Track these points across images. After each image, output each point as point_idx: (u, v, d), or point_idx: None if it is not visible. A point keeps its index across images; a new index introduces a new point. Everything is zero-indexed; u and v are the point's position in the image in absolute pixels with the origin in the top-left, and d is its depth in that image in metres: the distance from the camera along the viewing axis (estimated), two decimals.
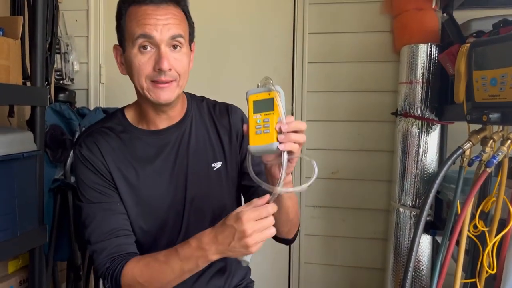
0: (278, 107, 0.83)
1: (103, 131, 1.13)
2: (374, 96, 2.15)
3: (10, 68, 1.50)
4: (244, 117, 1.22)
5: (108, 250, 1.04)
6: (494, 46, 1.09)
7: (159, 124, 1.12)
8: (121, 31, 1.05)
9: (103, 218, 1.06)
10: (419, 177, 1.87)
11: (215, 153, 1.16)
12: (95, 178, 1.09)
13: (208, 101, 1.23)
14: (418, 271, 1.87)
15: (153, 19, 1.00)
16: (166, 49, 1.01)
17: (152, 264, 0.99)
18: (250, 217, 0.86)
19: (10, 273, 1.67)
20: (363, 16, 2.14)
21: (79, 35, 2.36)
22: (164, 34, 1.00)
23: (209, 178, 1.15)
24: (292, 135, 0.84)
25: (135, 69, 1.02)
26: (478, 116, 1.09)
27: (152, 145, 1.12)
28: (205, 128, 1.17)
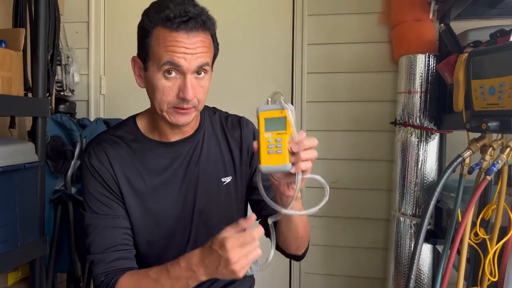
0: (290, 126, 0.82)
1: (113, 139, 1.11)
2: (373, 106, 2.16)
3: (12, 79, 1.51)
4: (256, 131, 1.21)
5: (105, 263, 1.04)
6: (492, 55, 1.10)
7: (171, 137, 1.11)
8: (145, 49, 1.01)
9: (104, 231, 1.06)
10: (419, 186, 1.88)
11: (225, 167, 1.16)
12: (101, 189, 1.08)
13: (220, 113, 1.22)
14: (419, 281, 1.86)
15: (183, 48, 0.97)
16: (191, 78, 0.99)
17: (143, 281, 0.99)
18: (235, 244, 0.86)
19: (9, 285, 1.66)
20: (361, 27, 2.17)
21: (80, 46, 2.38)
22: (192, 63, 0.98)
23: (218, 192, 1.14)
24: (304, 154, 0.83)
25: (158, 93, 1.00)
26: (477, 124, 1.10)
27: (163, 156, 1.11)
28: (217, 142, 1.16)
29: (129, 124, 1.15)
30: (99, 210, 1.07)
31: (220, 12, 2.21)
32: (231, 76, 2.30)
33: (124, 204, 1.09)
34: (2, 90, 1.45)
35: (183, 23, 0.96)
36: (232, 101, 2.23)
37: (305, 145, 0.83)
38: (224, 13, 2.27)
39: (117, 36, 2.39)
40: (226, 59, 2.28)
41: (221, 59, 2.28)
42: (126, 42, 2.47)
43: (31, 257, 1.50)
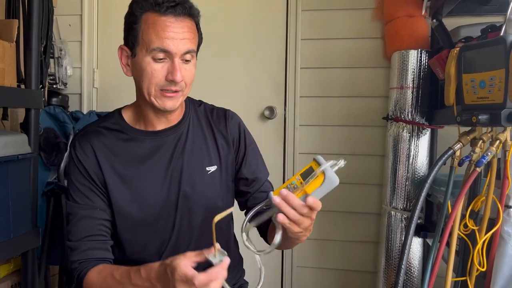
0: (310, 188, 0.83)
1: (98, 130, 1.15)
2: (366, 101, 2.18)
3: (5, 71, 1.50)
4: (241, 123, 1.25)
5: (80, 251, 1.09)
6: (483, 50, 1.12)
7: (157, 126, 1.15)
8: (134, 35, 1.06)
9: (81, 220, 1.11)
10: (410, 180, 1.90)
11: (210, 157, 1.18)
12: (83, 180, 1.12)
13: (206, 105, 1.25)
14: (409, 274, 1.89)
15: (172, 33, 1.02)
16: (179, 61, 1.04)
17: (108, 280, 1.02)
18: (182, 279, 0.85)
19: (1, 278, 1.65)
20: (354, 22, 2.17)
21: (73, 39, 2.36)
22: (180, 48, 1.03)
23: (203, 180, 1.16)
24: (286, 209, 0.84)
25: (147, 76, 1.05)
26: (467, 117, 1.12)
27: (148, 145, 1.14)
28: (202, 132, 1.19)
29: (115, 115, 1.18)
30: (79, 200, 1.12)
31: (214, 7, 2.25)
32: (225, 71, 2.30)
33: (106, 195, 1.13)
34: None
35: (171, 7, 1.02)
36: (225, 96, 2.24)
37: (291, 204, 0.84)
38: (218, 8, 2.29)
39: (110, 29, 2.38)
40: (220, 54, 2.29)
41: (215, 54, 2.33)
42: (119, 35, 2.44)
43: (23, 249, 1.50)
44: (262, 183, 1.23)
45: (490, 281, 1.11)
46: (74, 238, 1.10)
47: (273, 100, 2.28)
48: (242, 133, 1.23)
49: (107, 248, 1.12)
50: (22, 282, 1.59)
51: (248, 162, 1.22)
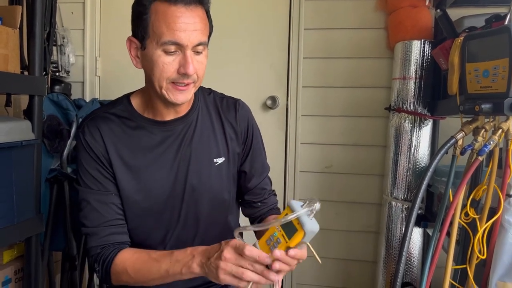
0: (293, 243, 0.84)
1: (106, 116, 1.13)
2: (368, 92, 2.18)
3: (9, 57, 1.50)
4: (250, 115, 1.23)
5: (100, 236, 1.08)
6: (487, 39, 1.12)
7: (165, 116, 1.13)
8: (143, 26, 1.02)
9: (97, 206, 1.10)
10: (411, 171, 1.91)
11: (218, 148, 1.17)
12: (95, 165, 1.10)
13: (215, 94, 1.23)
14: (409, 263, 1.90)
15: (183, 24, 0.99)
16: (191, 53, 1.01)
17: (145, 259, 1.03)
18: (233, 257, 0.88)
19: (5, 263, 1.67)
20: (358, 12, 2.17)
21: (75, 27, 2.36)
22: (192, 40, 1.00)
23: (210, 172, 1.16)
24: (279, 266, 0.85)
25: (158, 69, 1.01)
26: (470, 107, 1.12)
27: (156, 134, 1.13)
28: (210, 122, 1.18)
29: (123, 102, 1.16)
30: (93, 185, 1.10)
31: None
32: (228, 61, 2.30)
33: (115, 180, 1.12)
34: None
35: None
36: (228, 85, 2.22)
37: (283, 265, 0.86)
38: None
39: (113, 17, 2.37)
40: (223, 44, 2.28)
41: (218, 43, 2.32)
42: (122, 23, 2.45)
43: (27, 234, 1.51)
44: (262, 179, 1.24)
45: (489, 269, 1.12)
46: (91, 224, 1.09)
47: (275, 90, 2.28)
48: (250, 125, 1.21)
49: (125, 231, 1.13)
50: (25, 268, 1.61)
51: (252, 157, 1.22)
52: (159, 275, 1.00)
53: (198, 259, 0.93)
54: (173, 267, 0.97)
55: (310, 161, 2.25)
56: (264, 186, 1.25)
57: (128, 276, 1.04)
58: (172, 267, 0.97)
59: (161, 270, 0.99)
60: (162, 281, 1.01)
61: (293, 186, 2.24)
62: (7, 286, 1.63)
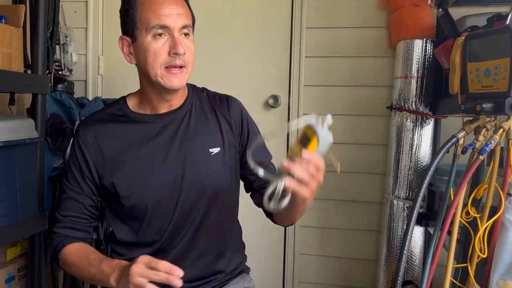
0: (309, 149, 0.86)
1: (102, 117, 1.20)
2: (370, 91, 2.18)
3: (12, 56, 1.51)
4: (243, 109, 1.27)
5: (62, 225, 1.20)
6: (488, 38, 1.13)
7: (159, 110, 1.18)
8: (131, 20, 1.11)
9: (69, 200, 1.20)
10: (413, 170, 1.91)
11: (213, 139, 1.20)
12: (77, 165, 1.19)
13: (208, 91, 1.29)
14: (411, 262, 1.91)
15: (167, 9, 1.07)
16: (178, 35, 1.08)
17: (82, 258, 1.13)
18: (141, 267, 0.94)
19: (8, 261, 1.68)
20: (360, 11, 2.17)
21: (78, 26, 2.37)
22: (177, 23, 1.08)
23: (206, 161, 1.19)
24: (295, 169, 0.85)
25: (150, 56, 1.08)
26: (471, 106, 1.13)
27: (151, 127, 1.17)
28: (205, 116, 1.22)
29: (119, 102, 1.23)
30: (72, 181, 1.20)
31: None
32: (230, 59, 2.31)
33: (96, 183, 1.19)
34: (2, 66, 1.45)
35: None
36: (230, 84, 2.24)
37: (297, 166, 0.86)
38: None
39: (115, 16, 2.32)
40: (225, 43, 2.29)
41: (220, 42, 2.33)
42: None
43: (31, 232, 1.52)
44: (265, 166, 1.25)
45: (490, 267, 1.12)
46: (61, 212, 1.21)
47: (277, 88, 2.29)
48: (244, 118, 1.26)
49: (87, 230, 1.22)
50: (28, 265, 1.62)
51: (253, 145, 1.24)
52: (89, 277, 1.11)
53: (116, 274, 1.01)
54: (98, 275, 1.06)
55: None
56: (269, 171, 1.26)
57: (69, 268, 1.18)
58: (98, 274, 1.06)
59: (90, 273, 1.09)
60: (93, 282, 1.18)
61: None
62: (10, 283, 1.64)
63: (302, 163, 0.86)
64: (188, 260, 1.18)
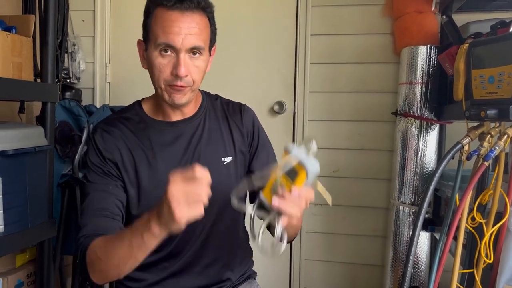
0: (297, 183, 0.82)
1: (119, 120, 1.19)
2: (375, 97, 2.19)
3: (23, 65, 1.54)
4: (255, 118, 1.27)
5: (88, 227, 1.05)
6: (492, 45, 1.14)
7: (173, 117, 1.18)
8: (147, 29, 1.10)
9: (95, 197, 1.10)
10: (418, 175, 1.91)
11: (226, 148, 1.21)
12: (98, 162, 1.14)
13: (222, 99, 1.29)
14: (417, 267, 1.91)
15: (177, 28, 1.04)
16: (185, 56, 1.06)
17: (110, 238, 0.97)
18: (177, 180, 0.83)
19: (17, 267, 1.70)
20: (364, 18, 2.19)
21: (86, 35, 2.40)
22: (185, 44, 1.04)
23: (218, 170, 1.18)
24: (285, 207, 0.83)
25: (156, 71, 1.08)
26: (476, 112, 1.14)
27: (165, 134, 1.18)
28: (218, 124, 1.22)
29: (135, 107, 1.22)
30: (94, 179, 1.13)
31: (225, 2, 2.26)
32: (235, 66, 2.33)
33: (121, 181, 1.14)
34: (13, 75, 1.48)
35: (179, 2, 1.04)
36: (236, 91, 2.26)
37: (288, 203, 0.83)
38: (229, 4, 2.31)
39: (122, 24, 2.41)
40: (230, 49, 2.31)
41: (227, 49, 2.35)
42: (131, 30, 2.48)
43: (40, 239, 1.54)
44: None
45: (496, 273, 1.13)
46: (87, 214, 1.08)
47: (282, 95, 2.30)
48: (256, 127, 1.26)
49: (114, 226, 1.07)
50: (37, 271, 1.64)
51: (259, 157, 1.25)
52: (124, 250, 0.91)
53: (155, 219, 0.85)
54: (135, 237, 0.89)
55: None
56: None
57: (100, 261, 0.97)
58: (133, 238, 0.89)
59: (124, 243, 0.91)
60: (130, 257, 0.91)
61: None
62: None
63: (293, 200, 0.83)
64: (198, 268, 1.18)
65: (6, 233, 1.35)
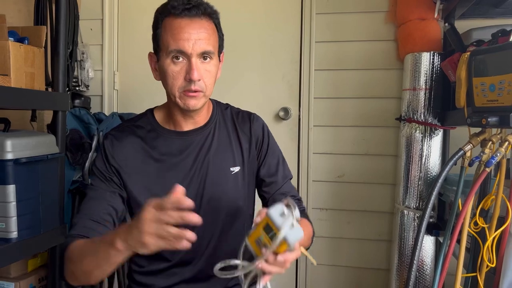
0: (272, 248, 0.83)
1: (131, 128, 1.22)
2: (379, 102, 2.22)
3: (35, 75, 1.58)
4: (265, 126, 1.29)
5: (76, 227, 1.08)
6: (493, 54, 1.16)
7: (184, 127, 1.20)
8: (157, 40, 1.12)
9: (90, 200, 1.13)
10: (423, 180, 1.93)
11: (234, 158, 1.23)
12: (103, 167, 1.17)
13: (232, 108, 1.31)
14: (422, 271, 1.93)
15: (186, 33, 1.07)
16: (196, 61, 1.09)
17: (85, 243, 0.99)
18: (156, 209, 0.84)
19: (29, 271, 1.73)
20: (368, 25, 2.21)
21: (94, 43, 2.44)
22: (196, 48, 1.08)
23: (226, 180, 1.21)
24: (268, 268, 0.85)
25: (169, 78, 1.10)
26: (477, 119, 1.16)
27: (175, 143, 1.20)
28: (227, 134, 1.24)
29: (147, 115, 1.25)
30: (95, 183, 1.16)
31: (230, 11, 2.30)
32: (241, 73, 2.36)
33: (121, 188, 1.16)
34: (26, 85, 1.52)
35: (186, 10, 1.08)
36: (242, 97, 2.30)
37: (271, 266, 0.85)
38: (235, 12, 2.35)
39: (130, 33, 2.45)
40: (236, 57, 2.34)
41: (232, 56, 2.39)
42: (139, 39, 2.54)
43: (52, 244, 1.58)
44: (281, 185, 1.26)
45: (499, 276, 1.15)
46: (79, 215, 1.11)
47: (288, 101, 2.33)
48: (265, 135, 1.27)
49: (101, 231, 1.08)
50: (49, 276, 1.68)
51: (268, 164, 1.27)
52: (91, 257, 0.93)
53: (122, 233, 0.86)
54: (101, 248, 0.90)
55: (323, 171, 2.29)
56: (284, 192, 1.26)
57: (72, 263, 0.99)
58: (100, 247, 0.91)
59: (93, 252, 0.93)
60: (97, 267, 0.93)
61: (306, 195, 2.29)
62: None
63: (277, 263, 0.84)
64: (210, 274, 1.20)
65: (20, 238, 1.38)
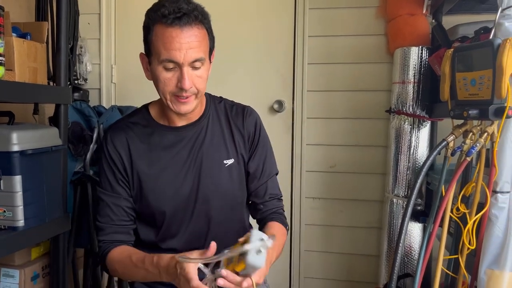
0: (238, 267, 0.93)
1: (128, 126, 1.26)
2: (369, 95, 2.27)
3: (38, 69, 1.62)
4: (258, 120, 1.33)
5: (105, 232, 1.24)
6: (474, 51, 1.23)
7: (178, 123, 1.25)
8: (148, 44, 1.14)
9: (108, 206, 1.24)
10: (411, 169, 2.00)
11: (228, 150, 1.27)
12: (111, 172, 1.24)
13: (226, 101, 1.34)
14: (410, 257, 2.00)
15: (178, 44, 1.08)
16: (188, 69, 1.11)
17: (126, 261, 1.16)
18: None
19: (33, 259, 1.78)
20: (359, 20, 2.26)
21: (92, 37, 2.48)
22: (187, 58, 1.09)
23: (220, 173, 1.26)
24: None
25: (161, 84, 1.14)
26: (459, 112, 1.23)
27: (170, 139, 1.25)
28: (220, 127, 1.28)
29: (142, 111, 1.29)
30: (107, 188, 1.25)
31: (225, 5, 2.34)
32: (236, 66, 2.40)
33: (129, 185, 1.24)
34: (29, 79, 1.56)
35: (177, 19, 1.07)
36: (236, 90, 2.34)
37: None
38: (229, 7, 2.39)
39: (127, 27, 2.49)
40: (231, 51, 2.38)
41: (226, 51, 2.45)
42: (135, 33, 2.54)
43: (56, 232, 1.63)
44: (264, 181, 1.31)
45: (479, 258, 1.23)
46: (101, 220, 1.25)
47: (281, 94, 2.39)
48: (257, 130, 1.31)
49: (128, 231, 1.26)
50: (52, 264, 1.72)
51: (255, 159, 1.30)
52: (141, 277, 1.18)
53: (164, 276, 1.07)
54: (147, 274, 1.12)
55: (315, 161, 2.35)
56: (267, 189, 1.31)
57: (119, 274, 1.24)
58: (147, 274, 1.12)
59: (140, 275, 1.16)
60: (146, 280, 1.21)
61: (300, 185, 2.35)
62: (35, 281, 1.75)
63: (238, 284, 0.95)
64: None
65: (26, 227, 1.43)
